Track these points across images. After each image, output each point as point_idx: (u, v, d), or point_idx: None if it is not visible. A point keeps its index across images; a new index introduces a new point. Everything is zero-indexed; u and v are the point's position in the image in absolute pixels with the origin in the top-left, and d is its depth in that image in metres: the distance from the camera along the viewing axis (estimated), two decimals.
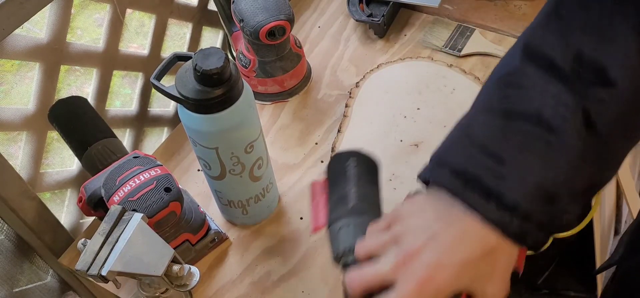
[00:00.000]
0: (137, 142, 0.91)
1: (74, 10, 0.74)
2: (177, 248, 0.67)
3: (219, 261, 0.72)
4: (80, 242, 0.57)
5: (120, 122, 0.87)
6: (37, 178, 0.76)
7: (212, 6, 0.98)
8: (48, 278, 0.78)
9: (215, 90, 0.58)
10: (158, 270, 0.55)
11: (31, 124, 0.73)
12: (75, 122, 0.70)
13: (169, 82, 0.60)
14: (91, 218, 0.80)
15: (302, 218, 0.75)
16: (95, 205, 0.65)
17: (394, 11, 0.99)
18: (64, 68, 0.76)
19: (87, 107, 0.72)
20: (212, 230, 0.71)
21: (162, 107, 0.96)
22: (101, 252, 0.55)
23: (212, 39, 1.04)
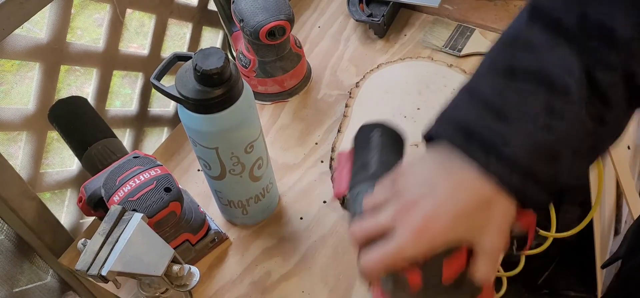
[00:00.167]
0: (137, 142, 0.91)
1: (74, 10, 0.74)
2: (177, 248, 0.67)
3: (219, 261, 0.72)
4: (80, 242, 0.57)
5: (120, 122, 0.87)
6: (37, 178, 0.76)
7: (212, 6, 0.98)
8: (48, 278, 0.78)
9: (215, 90, 0.58)
10: (158, 270, 0.55)
11: (31, 124, 0.73)
12: (75, 122, 0.70)
13: (169, 82, 0.60)
14: (91, 218, 0.80)
15: (302, 218, 0.75)
16: (95, 205, 0.65)
17: (394, 11, 0.99)
18: (64, 68, 0.76)
19: (87, 107, 0.72)
20: (212, 230, 0.71)
21: (162, 107, 0.96)
22: (101, 252, 0.55)
23: (212, 39, 1.04)
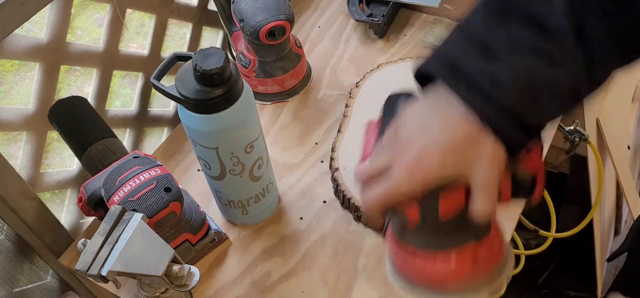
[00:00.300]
0: (137, 142, 0.91)
1: (74, 10, 0.74)
2: (177, 248, 0.67)
3: (219, 261, 0.72)
4: (80, 242, 0.57)
5: (120, 122, 0.87)
6: (37, 178, 0.76)
7: (212, 6, 0.98)
8: (48, 278, 0.78)
9: (215, 90, 0.58)
10: (158, 270, 0.55)
11: (31, 124, 0.73)
12: (75, 122, 0.70)
13: (169, 82, 0.60)
14: (91, 218, 0.80)
15: (302, 218, 0.75)
16: (95, 205, 0.65)
17: (394, 11, 0.99)
18: (64, 68, 0.76)
19: (87, 107, 0.72)
20: (212, 230, 0.71)
21: (162, 107, 0.96)
22: (101, 252, 0.55)
23: (212, 39, 1.04)
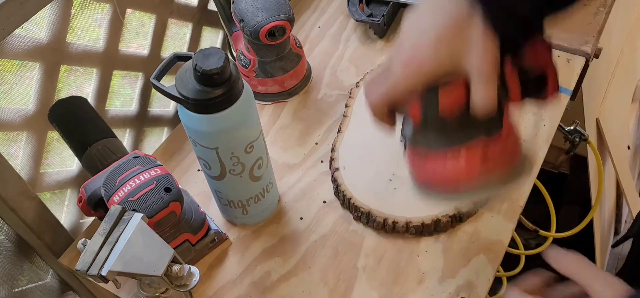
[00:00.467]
0: (137, 142, 0.91)
1: (74, 10, 0.74)
2: (177, 248, 0.67)
3: (219, 261, 0.72)
4: (80, 242, 0.57)
5: (120, 122, 0.87)
6: (37, 178, 0.76)
7: (212, 6, 0.98)
8: (48, 278, 0.78)
9: (215, 90, 0.58)
10: (158, 270, 0.55)
11: (31, 124, 0.73)
12: (75, 122, 0.70)
13: (169, 82, 0.60)
14: (91, 218, 0.80)
15: (302, 218, 0.75)
16: (95, 205, 0.65)
17: (394, 11, 0.99)
18: (64, 68, 0.76)
19: (87, 107, 0.72)
20: (212, 230, 0.71)
21: (162, 107, 0.96)
22: (101, 252, 0.55)
23: (212, 39, 1.04)
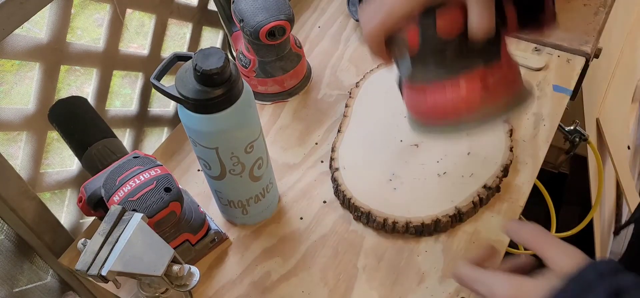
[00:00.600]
0: (137, 142, 0.91)
1: (74, 10, 0.74)
2: (177, 248, 0.67)
3: (219, 261, 0.72)
4: (80, 242, 0.57)
5: (120, 122, 0.87)
6: (37, 178, 0.76)
7: (212, 6, 0.98)
8: (48, 278, 0.78)
9: (215, 90, 0.58)
10: (158, 270, 0.55)
11: (31, 124, 0.73)
12: (75, 122, 0.70)
13: (169, 82, 0.60)
14: (91, 218, 0.80)
15: (302, 218, 0.75)
16: (95, 205, 0.65)
17: None
18: (64, 68, 0.76)
19: (87, 107, 0.72)
20: (212, 230, 0.71)
21: (162, 107, 0.96)
22: (101, 252, 0.55)
23: (212, 39, 1.04)
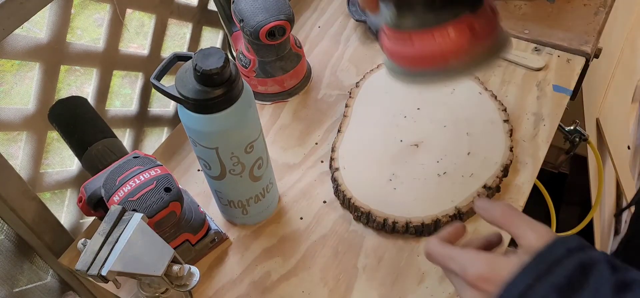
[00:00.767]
0: (137, 142, 0.91)
1: (74, 10, 0.74)
2: (177, 248, 0.67)
3: (219, 261, 0.72)
4: (80, 242, 0.57)
5: (120, 122, 0.87)
6: (37, 178, 0.76)
7: (212, 6, 0.98)
8: (48, 278, 0.78)
9: (215, 90, 0.58)
10: (158, 270, 0.55)
11: (31, 124, 0.73)
12: (75, 122, 0.70)
13: (169, 82, 0.60)
14: (91, 218, 0.80)
15: (302, 218, 0.75)
16: (95, 205, 0.65)
17: None
18: (64, 68, 0.76)
19: (87, 107, 0.72)
20: (212, 230, 0.71)
21: (162, 107, 0.96)
22: (101, 252, 0.55)
23: (212, 39, 1.04)
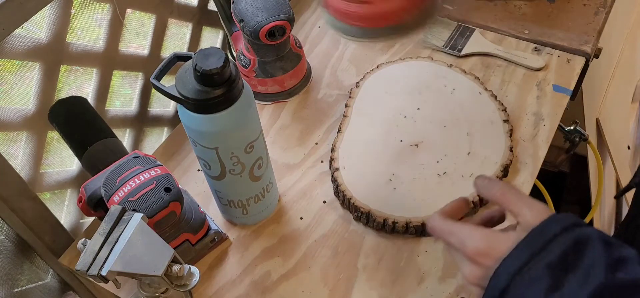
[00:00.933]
0: (137, 142, 0.91)
1: (74, 10, 0.74)
2: (177, 248, 0.67)
3: (219, 261, 0.72)
4: (80, 242, 0.57)
5: (120, 122, 0.87)
6: (37, 178, 0.76)
7: (212, 6, 0.98)
8: (48, 278, 0.78)
9: (215, 90, 0.58)
10: (158, 270, 0.55)
11: (31, 124, 0.73)
12: (75, 122, 0.70)
13: (169, 82, 0.60)
14: (91, 218, 0.80)
15: (302, 218, 0.75)
16: (95, 205, 0.65)
17: None
18: (64, 68, 0.76)
19: (87, 107, 0.72)
20: (212, 230, 0.71)
21: (162, 107, 0.96)
22: (101, 252, 0.55)
23: (212, 39, 1.04)
